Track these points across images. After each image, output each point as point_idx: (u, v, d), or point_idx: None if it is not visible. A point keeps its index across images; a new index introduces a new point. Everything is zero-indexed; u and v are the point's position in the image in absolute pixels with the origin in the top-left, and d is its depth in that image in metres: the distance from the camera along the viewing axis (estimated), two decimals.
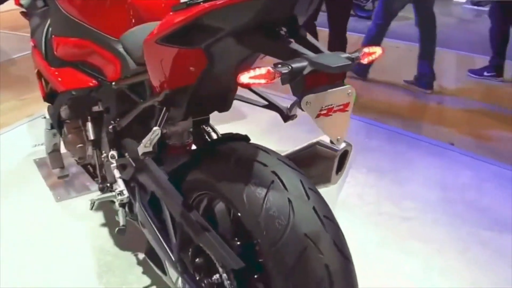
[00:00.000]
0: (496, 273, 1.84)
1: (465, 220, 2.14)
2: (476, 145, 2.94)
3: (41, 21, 1.85)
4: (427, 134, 3.06)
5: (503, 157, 2.77)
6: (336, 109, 0.90)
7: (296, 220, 0.98)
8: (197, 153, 1.25)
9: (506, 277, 1.83)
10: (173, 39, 1.01)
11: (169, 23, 1.00)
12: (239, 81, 0.83)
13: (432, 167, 2.61)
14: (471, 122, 3.33)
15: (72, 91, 1.61)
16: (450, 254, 1.92)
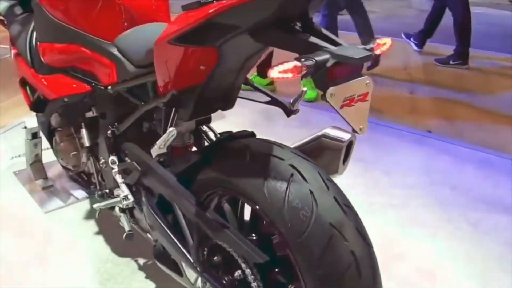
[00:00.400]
0: (488, 250, 1.93)
1: (452, 203, 2.22)
2: (451, 131, 3.04)
3: (23, 28, 1.80)
4: (405, 124, 3.15)
5: (477, 141, 2.88)
6: (357, 99, 0.93)
7: (319, 210, 1.00)
8: (206, 152, 1.24)
9: (496, 253, 1.91)
10: (187, 39, 1.01)
11: (183, 23, 0.99)
12: (269, 75, 0.84)
13: (414, 155, 2.68)
14: (442, 110, 3.44)
15: (64, 98, 1.58)
16: (443, 235, 1.99)
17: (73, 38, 1.49)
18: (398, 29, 5.10)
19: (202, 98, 1.22)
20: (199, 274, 1.22)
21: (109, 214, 1.65)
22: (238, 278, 1.18)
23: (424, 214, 2.12)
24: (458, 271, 1.80)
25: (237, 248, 1.12)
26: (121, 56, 1.39)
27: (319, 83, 0.89)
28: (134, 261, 1.83)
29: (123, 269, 1.78)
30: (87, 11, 1.46)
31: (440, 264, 1.83)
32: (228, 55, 1.07)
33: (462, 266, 1.82)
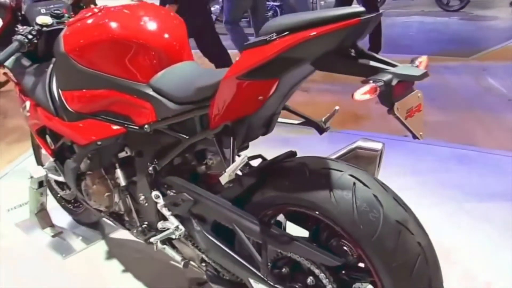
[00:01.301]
0: (485, 235, 2.15)
1: (446, 197, 2.43)
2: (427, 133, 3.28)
3: (38, 79, 1.84)
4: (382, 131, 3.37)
5: (453, 139, 3.14)
6: (414, 110, 1.08)
7: (385, 210, 1.14)
8: (260, 174, 1.34)
9: (491, 238, 2.14)
10: (256, 73, 1.12)
11: (252, 59, 1.11)
12: (354, 98, 0.97)
13: (399, 158, 2.89)
14: None
15: (97, 142, 1.63)
16: (443, 228, 2.18)
17: (105, 84, 1.55)
18: None
19: (251, 126, 1.34)
20: (270, 287, 1.32)
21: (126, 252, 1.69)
22: (310, 284, 1.29)
23: (419, 210, 2.28)
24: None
25: (311, 256, 1.23)
26: (158, 95, 1.47)
27: (386, 100, 1.03)
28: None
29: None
30: (118, 57, 1.52)
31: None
32: (285, 83, 1.20)
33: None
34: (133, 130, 1.56)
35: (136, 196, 1.67)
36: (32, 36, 1.77)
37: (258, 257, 1.33)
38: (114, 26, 1.55)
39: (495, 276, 1.90)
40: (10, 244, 2.32)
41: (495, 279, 1.88)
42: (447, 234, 2.13)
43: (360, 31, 1.06)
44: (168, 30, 1.60)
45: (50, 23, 1.83)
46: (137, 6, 1.66)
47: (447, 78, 4.54)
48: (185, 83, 1.43)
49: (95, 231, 2.39)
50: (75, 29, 1.61)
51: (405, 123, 1.05)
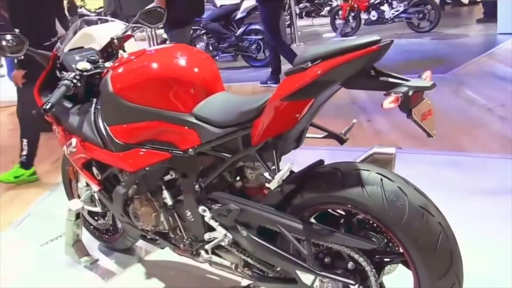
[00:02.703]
0: (483, 227, 2.42)
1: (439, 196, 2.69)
2: (417, 143, 3.59)
3: (83, 117, 2.07)
4: None
5: (440, 146, 3.44)
6: (426, 114, 1.35)
7: (409, 198, 1.40)
8: (298, 181, 1.58)
9: (485, 229, 2.41)
10: (296, 95, 1.39)
11: (293, 84, 1.37)
12: (383, 107, 1.24)
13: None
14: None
15: (146, 168, 1.86)
16: None
17: (151, 116, 1.79)
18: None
19: (286, 140, 1.59)
20: (317, 275, 1.55)
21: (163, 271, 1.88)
22: (351, 268, 1.53)
23: None
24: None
25: (350, 243, 1.48)
26: (201, 122, 1.72)
27: (405, 107, 1.30)
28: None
29: None
30: (162, 92, 1.77)
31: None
32: (318, 101, 1.46)
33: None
34: (178, 155, 1.80)
35: (182, 213, 1.89)
36: (76, 80, 2.00)
37: (303, 251, 1.56)
38: (156, 66, 1.81)
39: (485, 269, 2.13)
40: (52, 276, 2.49)
41: (483, 272, 2.09)
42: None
43: (378, 55, 1.34)
44: (201, 66, 1.87)
45: (89, 68, 2.07)
46: (172, 48, 1.93)
47: (429, 93, 4.89)
48: (226, 109, 1.68)
49: (130, 255, 2.58)
50: (121, 71, 1.86)
51: (421, 124, 1.32)
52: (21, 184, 3.78)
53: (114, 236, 2.58)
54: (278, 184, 1.51)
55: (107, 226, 2.59)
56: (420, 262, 1.40)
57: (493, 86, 4.96)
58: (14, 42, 2.12)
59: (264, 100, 1.53)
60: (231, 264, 1.84)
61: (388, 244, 1.53)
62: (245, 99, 1.72)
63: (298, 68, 1.37)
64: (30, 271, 2.53)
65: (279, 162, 1.58)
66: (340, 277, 1.52)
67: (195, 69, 1.85)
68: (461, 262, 1.43)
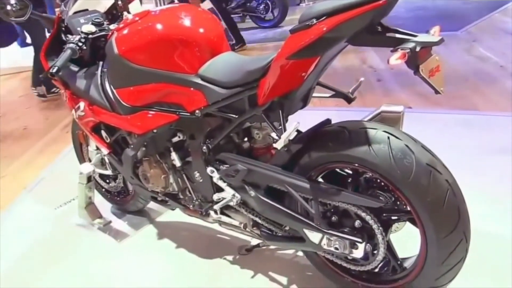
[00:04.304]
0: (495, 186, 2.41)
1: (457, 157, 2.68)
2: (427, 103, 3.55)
3: (90, 81, 2.07)
4: None
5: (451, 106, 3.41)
6: (435, 70, 1.33)
7: (416, 156, 1.39)
8: (305, 140, 1.58)
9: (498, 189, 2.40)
10: (302, 53, 1.36)
11: (299, 42, 1.35)
12: (389, 63, 1.22)
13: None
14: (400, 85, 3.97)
15: (154, 130, 1.87)
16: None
17: (157, 78, 1.78)
18: None
19: (293, 100, 1.58)
20: (324, 233, 1.57)
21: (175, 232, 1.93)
22: (358, 226, 1.54)
23: None
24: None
25: (358, 202, 1.48)
26: (207, 83, 1.71)
27: (412, 63, 1.27)
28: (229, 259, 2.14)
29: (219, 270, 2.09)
30: (167, 53, 1.75)
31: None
32: (323, 60, 1.44)
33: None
34: (185, 117, 1.79)
35: (191, 175, 1.91)
36: (81, 43, 1.99)
37: (311, 210, 1.58)
38: (160, 27, 1.79)
39: (492, 226, 2.13)
40: (66, 236, 2.55)
41: (492, 229, 2.11)
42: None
43: (385, 10, 1.30)
44: (206, 26, 1.84)
45: (94, 30, 2.05)
46: (177, 8, 1.89)
47: (441, 51, 4.78)
48: (232, 69, 1.66)
49: (142, 217, 2.62)
50: (126, 33, 1.84)
51: (429, 81, 1.30)
52: None
53: (126, 198, 2.61)
54: (285, 144, 1.50)
55: (118, 188, 2.63)
56: (427, 220, 1.40)
57: (506, 43, 4.86)
58: (18, 6, 2.11)
59: (269, 59, 1.51)
60: (240, 223, 1.86)
61: (396, 202, 1.53)
62: (251, 59, 1.70)
63: (303, 26, 1.34)
64: (45, 235, 2.58)
65: (285, 122, 1.58)
66: (347, 235, 1.54)
67: (200, 30, 1.82)
68: (468, 220, 1.43)
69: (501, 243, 2.03)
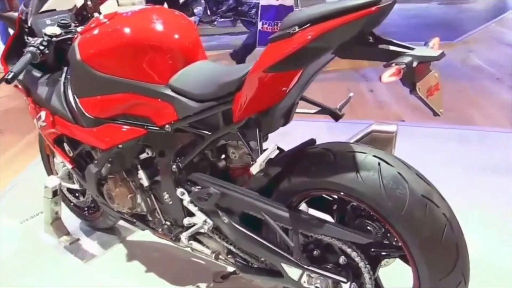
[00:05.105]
0: (492, 206, 2.23)
1: (451, 174, 2.52)
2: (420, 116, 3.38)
3: (51, 88, 1.88)
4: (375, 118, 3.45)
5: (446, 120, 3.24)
6: (433, 89, 1.15)
7: (410, 186, 1.21)
8: (285, 162, 1.39)
9: (494, 209, 2.24)
10: (281, 65, 1.18)
11: (278, 52, 1.16)
12: (381, 81, 1.04)
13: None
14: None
15: (119, 145, 1.68)
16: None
17: (122, 88, 1.59)
18: None
19: (273, 117, 1.39)
20: (304, 269, 1.38)
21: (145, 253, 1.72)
22: (343, 263, 1.35)
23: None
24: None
25: (343, 236, 1.30)
26: (177, 95, 1.52)
27: (408, 81, 1.09)
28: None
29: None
30: (134, 60, 1.56)
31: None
32: (307, 73, 1.26)
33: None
34: (154, 131, 1.61)
35: (160, 195, 1.72)
36: (43, 47, 1.79)
37: (290, 242, 1.39)
38: (129, 30, 1.60)
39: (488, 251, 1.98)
40: (29, 254, 2.34)
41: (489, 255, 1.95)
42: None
43: (378, 18, 1.12)
44: (180, 31, 1.65)
45: (58, 33, 1.86)
46: (148, 10, 1.70)
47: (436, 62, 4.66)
48: (205, 81, 1.48)
49: (111, 235, 2.42)
50: (90, 36, 1.65)
51: (426, 101, 1.12)
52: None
53: (95, 215, 2.41)
54: (261, 168, 1.32)
55: (87, 204, 2.43)
56: (422, 259, 1.22)
57: (503, 54, 4.72)
58: None
59: (246, 71, 1.32)
60: (212, 252, 1.67)
61: (386, 234, 1.35)
62: (227, 69, 1.52)
63: (284, 34, 1.16)
64: (8, 251, 2.37)
65: (263, 141, 1.39)
66: (330, 273, 1.36)
67: (173, 35, 1.63)
68: (467, 259, 1.25)
69: (499, 270, 1.86)
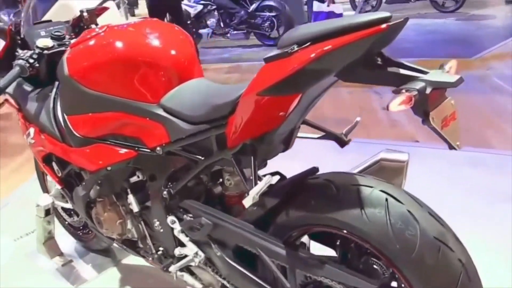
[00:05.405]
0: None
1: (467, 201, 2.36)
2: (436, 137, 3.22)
3: (41, 104, 1.77)
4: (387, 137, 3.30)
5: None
6: (449, 118, 1.01)
7: (422, 227, 1.07)
8: (283, 194, 1.26)
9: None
10: (278, 89, 1.05)
11: (273, 74, 1.04)
12: (389, 109, 0.90)
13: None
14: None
15: (107, 167, 1.56)
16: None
17: (112, 106, 1.48)
18: None
19: (270, 143, 1.27)
20: None
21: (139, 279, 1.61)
22: None
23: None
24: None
25: (345, 280, 1.16)
26: (169, 116, 1.41)
27: (420, 110, 0.96)
28: None
29: None
30: (125, 77, 1.45)
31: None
32: (307, 97, 1.13)
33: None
34: (145, 153, 1.49)
35: (150, 222, 1.60)
36: (33, 60, 1.69)
37: (286, 283, 1.25)
38: (120, 45, 1.49)
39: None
40: (19, 275, 2.24)
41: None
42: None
43: (387, 38, 1.00)
44: (176, 46, 1.54)
45: (51, 45, 1.76)
46: (142, 23, 1.59)
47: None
48: (199, 101, 1.36)
49: (106, 258, 2.31)
50: (78, 50, 1.54)
51: (441, 133, 0.99)
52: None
53: (89, 236, 2.30)
54: (254, 201, 1.19)
55: (81, 223, 2.32)
56: None
57: None
58: None
59: (241, 92, 1.20)
60: (204, 287, 1.54)
61: (394, 275, 1.20)
62: (223, 88, 1.40)
63: (281, 53, 1.04)
64: None
65: (261, 167, 1.26)
66: None
67: (168, 50, 1.52)
68: None
69: None
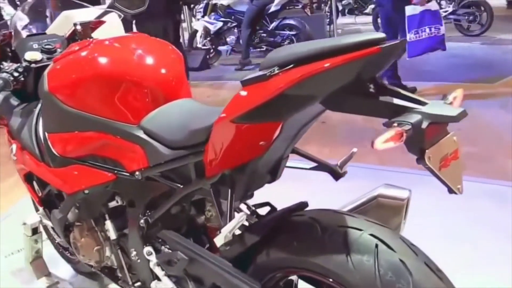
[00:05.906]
0: None
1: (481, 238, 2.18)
2: None
3: (24, 120, 1.69)
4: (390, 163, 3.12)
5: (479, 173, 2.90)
6: (450, 158, 0.87)
7: (415, 280, 0.92)
8: (265, 231, 1.14)
9: None
10: (255, 115, 0.93)
11: (250, 99, 0.92)
12: (374, 147, 0.77)
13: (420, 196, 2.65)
14: None
15: (85, 191, 1.46)
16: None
17: (91, 126, 1.39)
18: None
19: (254, 174, 1.14)
20: None
21: None
22: None
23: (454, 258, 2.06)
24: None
25: None
26: (149, 139, 1.30)
27: (414, 147, 0.83)
28: None
29: None
30: (105, 96, 1.36)
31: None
32: (291, 125, 1.01)
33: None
34: (124, 177, 1.38)
35: (128, 251, 1.48)
36: (18, 73, 1.62)
37: None
38: (102, 61, 1.40)
39: None
40: None
41: None
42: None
43: (381, 61, 0.87)
44: (163, 65, 1.44)
45: (39, 59, 1.68)
46: (130, 38, 1.50)
47: (473, 105, 4.28)
48: (178, 124, 1.25)
49: (93, 282, 2.19)
50: (60, 65, 1.45)
51: (439, 175, 0.84)
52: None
53: (76, 257, 2.18)
54: (226, 240, 1.06)
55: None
56: None
57: None
58: None
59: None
60: None
61: None
62: (206, 111, 1.28)
63: (259, 76, 0.92)
64: None
65: (234, 203, 1.14)
66: None
67: (154, 68, 1.43)
68: None
69: None
